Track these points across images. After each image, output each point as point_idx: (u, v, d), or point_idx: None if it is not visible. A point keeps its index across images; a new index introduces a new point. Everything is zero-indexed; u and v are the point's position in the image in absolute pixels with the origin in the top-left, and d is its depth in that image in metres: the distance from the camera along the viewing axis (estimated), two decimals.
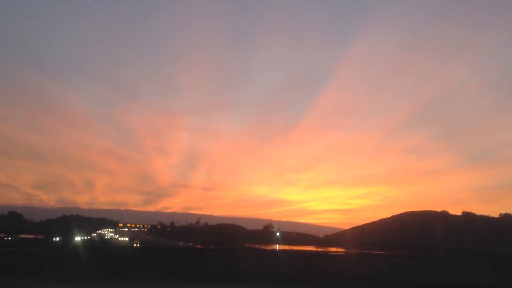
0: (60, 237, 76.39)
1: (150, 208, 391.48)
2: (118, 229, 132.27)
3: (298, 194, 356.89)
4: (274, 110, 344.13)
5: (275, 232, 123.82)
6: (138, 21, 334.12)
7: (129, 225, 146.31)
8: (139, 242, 66.85)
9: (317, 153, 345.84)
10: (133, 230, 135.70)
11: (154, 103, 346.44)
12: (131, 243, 66.58)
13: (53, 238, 74.66)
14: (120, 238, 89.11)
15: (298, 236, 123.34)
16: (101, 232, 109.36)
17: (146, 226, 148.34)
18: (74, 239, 64.81)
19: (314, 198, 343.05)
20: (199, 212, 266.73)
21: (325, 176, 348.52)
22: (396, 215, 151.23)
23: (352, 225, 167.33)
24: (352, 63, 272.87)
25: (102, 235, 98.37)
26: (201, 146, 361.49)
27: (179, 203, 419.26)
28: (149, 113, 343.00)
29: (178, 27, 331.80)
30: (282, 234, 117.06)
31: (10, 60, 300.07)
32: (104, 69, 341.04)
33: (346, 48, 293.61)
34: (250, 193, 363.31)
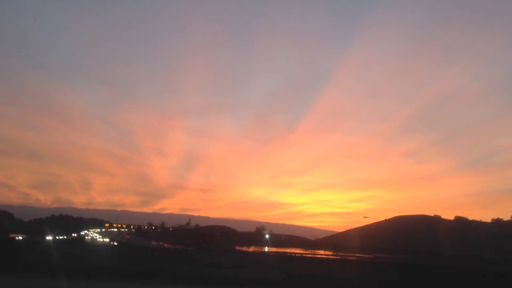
0: (39, 236, 76.19)
1: (147, 209, 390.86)
2: (105, 229, 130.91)
3: (295, 196, 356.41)
4: (272, 112, 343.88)
5: (264, 234, 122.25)
6: (137, 22, 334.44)
7: (115, 225, 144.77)
8: (117, 242, 65.73)
9: (315, 156, 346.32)
10: (115, 230, 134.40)
11: (153, 104, 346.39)
12: (111, 243, 65.58)
13: (35, 238, 74.78)
14: (101, 238, 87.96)
15: (288, 238, 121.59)
16: (84, 232, 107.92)
17: (134, 227, 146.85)
18: (45, 238, 63.90)
19: (311, 201, 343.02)
20: (196, 213, 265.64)
21: (323, 179, 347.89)
22: (389, 219, 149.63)
23: (348, 228, 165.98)
24: (351, 67, 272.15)
25: (82, 235, 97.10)
26: (199, 148, 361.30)
27: (176, 205, 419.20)
28: (147, 114, 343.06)
29: (177, 29, 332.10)
30: (272, 236, 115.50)
31: (8, 59, 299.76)
32: (103, 69, 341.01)
33: (345, 51, 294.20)
34: (248, 195, 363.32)
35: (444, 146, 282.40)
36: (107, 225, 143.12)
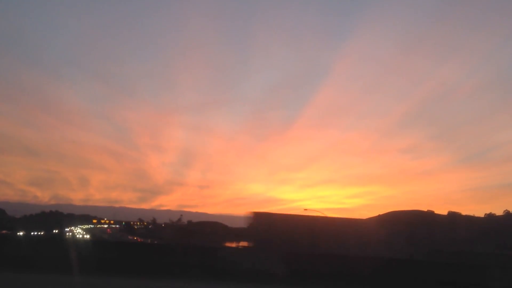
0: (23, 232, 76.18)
1: (145, 205, 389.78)
2: (93, 226, 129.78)
3: (293, 192, 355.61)
4: (270, 108, 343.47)
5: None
6: (135, 19, 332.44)
7: (102, 221, 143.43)
8: (96, 238, 65.05)
9: (312, 152, 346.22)
10: (104, 226, 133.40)
11: (150, 101, 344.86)
12: (90, 239, 64.97)
13: (17, 233, 75.00)
14: (82, 235, 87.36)
15: None
16: (68, 228, 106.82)
17: (126, 223, 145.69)
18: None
19: (309, 197, 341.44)
20: (194, 210, 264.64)
21: (320, 175, 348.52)
22: (382, 214, 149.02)
23: None
24: (348, 63, 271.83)
25: (63, 232, 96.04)
26: (196, 144, 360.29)
27: (174, 201, 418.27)
28: (145, 110, 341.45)
29: (175, 26, 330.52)
30: None
31: (6, 56, 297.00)
32: (100, 66, 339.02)
33: (342, 47, 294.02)
34: (245, 191, 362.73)
35: (440, 142, 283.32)
36: (95, 221, 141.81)
